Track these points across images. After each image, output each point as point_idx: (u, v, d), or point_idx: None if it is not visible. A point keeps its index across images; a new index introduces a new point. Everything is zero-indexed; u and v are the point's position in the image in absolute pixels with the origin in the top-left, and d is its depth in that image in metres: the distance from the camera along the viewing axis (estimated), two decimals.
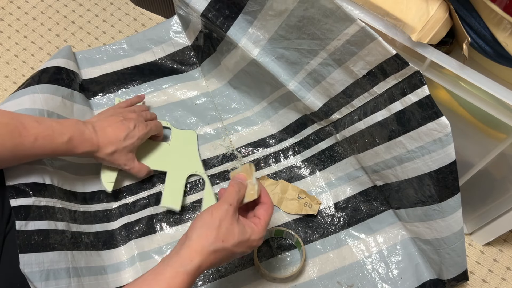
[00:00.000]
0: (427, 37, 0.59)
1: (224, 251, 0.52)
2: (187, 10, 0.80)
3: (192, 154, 0.83)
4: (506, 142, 0.62)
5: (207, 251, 0.51)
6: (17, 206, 0.59)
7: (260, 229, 0.56)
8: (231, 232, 0.52)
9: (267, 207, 0.58)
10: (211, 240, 0.51)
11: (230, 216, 0.53)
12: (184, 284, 0.49)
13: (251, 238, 0.54)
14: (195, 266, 0.50)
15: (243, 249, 0.54)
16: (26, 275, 0.56)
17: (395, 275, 0.75)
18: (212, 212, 0.53)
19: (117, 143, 0.69)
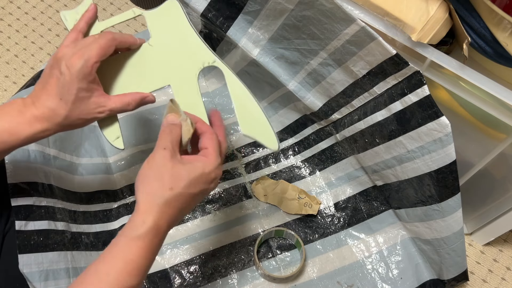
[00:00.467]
0: (427, 37, 0.59)
1: (179, 198, 0.46)
2: (187, 10, 0.80)
3: (189, 38, 0.57)
4: (506, 142, 0.62)
5: (158, 206, 0.45)
6: (18, 205, 0.59)
7: (211, 158, 0.49)
8: (177, 175, 0.46)
9: (208, 135, 0.51)
10: (157, 193, 0.45)
11: (169, 159, 0.46)
12: (141, 250, 0.44)
13: (205, 171, 0.48)
14: (150, 227, 0.44)
15: (202, 186, 0.48)
16: (25, 276, 0.56)
17: (395, 275, 0.75)
18: (148, 162, 0.47)
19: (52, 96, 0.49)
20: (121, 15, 0.58)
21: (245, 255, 0.76)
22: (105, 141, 0.84)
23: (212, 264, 0.75)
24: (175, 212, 0.46)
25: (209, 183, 0.49)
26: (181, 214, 0.47)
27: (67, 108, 0.49)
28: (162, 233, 0.46)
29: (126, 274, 0.43)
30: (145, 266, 0.44)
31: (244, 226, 0.79)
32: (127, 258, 0.43)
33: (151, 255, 0.45)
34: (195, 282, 0.74)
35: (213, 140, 0.51)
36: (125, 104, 0.53)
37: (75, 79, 0.48)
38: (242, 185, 0.83)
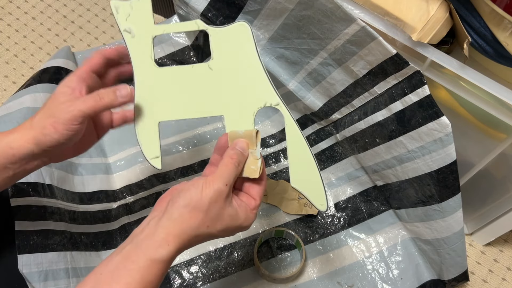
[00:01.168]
0: (427, 37, 0.58)
1: (206, 236, 0.45)
2: (187, 10, 0.80)
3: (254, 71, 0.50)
4: (507, 142, 0.62)
5: (188, 236, 0.43)
6: (17, 205, 0.59)
7: (254, 213, 0.47)
8: (220, 217, 0.44)
9: (264, 186, 0.49)
10: (195, 225, 0.43)
11: (223, 198, 0.44)
12: (159, 272, 0.42)
13: (242, 225, 0.46)
14: (172, 252, 0.42)
15: (228, 234, 0.46)
16: (25, 276, 0.56)
17: (395, 275, 0.75)
18: (203, 190, 0.43)
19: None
20: (182, 24, 0.51)
21: (245, 255, 0.76)
22: (105, 141, 0.84)
23: (212, 264, 0.75)
24: (193, 245, 0.45)
25: (236, 232, 0.47)
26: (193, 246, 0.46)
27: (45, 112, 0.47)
28: (172, 260, 0.44)
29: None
30: (157, 286, 0.43)
31: None
32: (145, 281, 0.41)
33: (163, 277, 0.44)
34: (195, 282, 0.74)
35: (261, 192, 0.48)
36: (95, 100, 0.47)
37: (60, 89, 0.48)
38: None
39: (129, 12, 0.50)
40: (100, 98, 0.47)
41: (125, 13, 0.50)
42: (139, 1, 0.50)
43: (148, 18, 0.51)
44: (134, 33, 0.50)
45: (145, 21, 0.51)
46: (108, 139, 0.84)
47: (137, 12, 0.50)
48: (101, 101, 0.47)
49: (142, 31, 0.50)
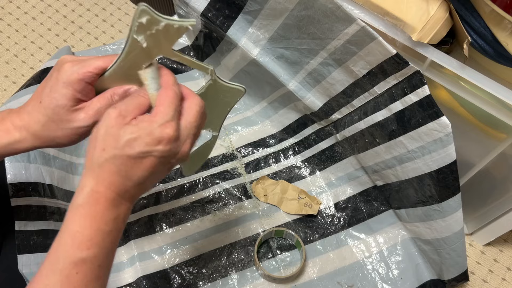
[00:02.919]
0: (427, 37, 0.58)
1: (114, 160, 0.39)
2: (187, 10, 0.80)
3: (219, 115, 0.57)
4: (507, 142, 0.62)
5: (92, 170, 0.40)
6: (17, 205, 0.59)
7: (157, 115, 0.41)
8: (113, 135, 0.40)
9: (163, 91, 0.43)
10: (92, 156, 0.40)
11: (113, 118, 0.40)
12: (83, 219, 0.39)
13: (145, 131, 0.40)
14: (87, 192, 0.39)
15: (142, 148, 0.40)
16: (25, 276, 0.56)
17: (395, 275, 0.75)
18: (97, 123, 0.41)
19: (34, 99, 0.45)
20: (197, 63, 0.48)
21: (245, 255, 0.76)
22: None
23: (212, 264, 0.75)
24: (115, 177, 0.40)
25: (153, 144, 0.40)
26: (126, 180, 0.40)
27: (45, 114, 0.43)
28: (105, 200, 0.40)
29: (75, 248, 0.38)
30: (95, 237, 0.39)
31: (244, 226, 0.79)
32: (72, 230, 0.39)
33: (100, 224, 0.39)
34: (195, 282, 0.74)
35: (165, 95, 0.42)
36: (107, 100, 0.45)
37: (61, 83, 0.42)
38: (242, 185, 0.83)
39: (155, 28, 0.43)
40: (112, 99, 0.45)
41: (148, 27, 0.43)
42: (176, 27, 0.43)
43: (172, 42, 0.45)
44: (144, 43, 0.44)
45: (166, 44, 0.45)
46: None
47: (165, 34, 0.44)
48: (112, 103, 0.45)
49: (155, 49, 0.45)
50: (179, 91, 0.44)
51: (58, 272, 0.37)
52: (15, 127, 0.44)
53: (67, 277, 0.37)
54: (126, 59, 0.44)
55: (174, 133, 0.41)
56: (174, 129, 0.41)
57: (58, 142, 0.45)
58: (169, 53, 0.46)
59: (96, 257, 0.39)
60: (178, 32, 0.44)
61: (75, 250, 0.38)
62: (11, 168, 0.60)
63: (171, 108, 0.42)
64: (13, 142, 0.44)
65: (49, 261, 0.38)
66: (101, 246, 0.40)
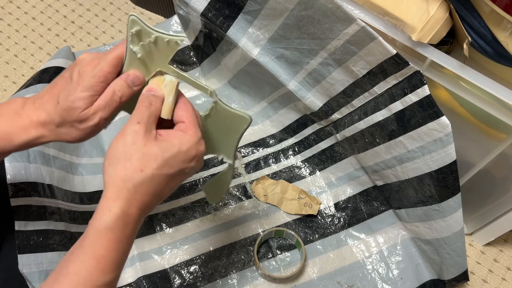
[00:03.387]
0: (427, 37, 0.58)
1: (152, 181, 0.40)
2: (187, 10, 0.80)
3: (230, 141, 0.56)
4: (507, 142, 0.62)
5: (126, 191, 0.39)
6: (17, 206, 0.59)
7: (190, 133, 0.42)
8: (149, 154, 0.40)
9: (182, 105, 0.44)
10: (125, 176, 0.39)
11: (142, 135, 0.40)
12: (111, 243, 0.38)
13: (182, 149, 0.41)
14: (117, 216, 0.39)
15: (180, 166, 0.41)
16: (25, 276, 0.56)
17: (395, 275, 0.75)
18: (117, 139, 0.41)
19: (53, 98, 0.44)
20: (196, 83, 0.47)
21: (245, 255, 0.76)
22: (105, 141, 0.84)
23: (212, 264, 0.75)
24: (148, 197, 0.40)
25: (188, 161, 0.42)
26: (157, 198, 0.42)
27: (60, 114, 0.43)
28: (133, 221, 0.40)
29: (99, 271, 0.38)
30: (119, 260, 0.40)
31: (244, 226, 0.79)
32: (97, 254, 0.38)
33: (124, 246, 0.40)
34: (195, 282, 0.74)
35: (188, 111, 0.44)
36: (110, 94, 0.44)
37: (80, 87, 0.43)
38: (242, 185, 0.83)
39: (147, 39, 0.44)
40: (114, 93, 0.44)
41: (141, 37, 0.44)
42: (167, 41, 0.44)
43: (167, 57, 0.45)
44: (140, 55, 0.45)
45: (160, 57, 0.45)
46: (108, 139, 0.84)
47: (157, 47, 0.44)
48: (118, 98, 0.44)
49: (151, 62, 0.45)
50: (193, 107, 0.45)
51: None
52: (31, 123, 0.44)
53: None
54: (127, 70, 0.45)
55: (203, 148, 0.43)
56: (204, 146, 0.43)
57: (72, 139, 0.45)
58: (166, 68, 0.46)
59: (117, 278, 0.40)
60: (169, 46, 0.44)
61: (98, 274, 0.38)
62: (11, 168, 0.60)
63: (197, 125, 0.44)
64: (32, 139, 0.44)
65: (68, 281, 0.38)
66: (121, 267, 0.40)
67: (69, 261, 0.39)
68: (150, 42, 0.44)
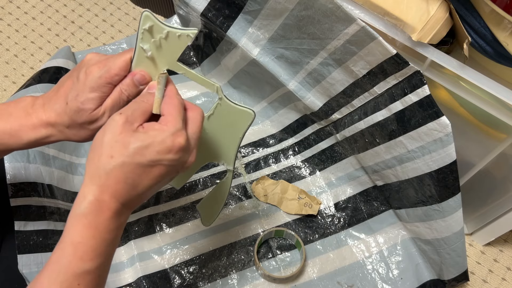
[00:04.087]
0: (427, 37, 0.58)
1: (122, 168, 0.39)
2: (187, 10, 0.80)
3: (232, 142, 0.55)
4: (507, 142, 0.62)
5: (98, 177, 0.39)
6: (17, 206, 0.59)
7: (168, 124, 0.41)
8: (122, 142, 0.39)
9: (167, 99, 0.44)
10: (98, 162, 0.39)
11: (120, 125, 0.40)
12: (87, 229, 0.38)
13: (157, 139, 0.40)
14: (90, 202, 0.38)
15: (153, 156, 0.40)
16: (25, 276, 0.56)
17: (395, 275, 0.75)
18: (100, 130, 0.41)
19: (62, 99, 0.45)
20: (203, 79, 0.49)
21: (245, 255, 0.76)
22: None
23: (212, 264, 0.75)
24: (120, 186, 0.39)
25: (164, 153, 0.40)
26: (132, 189, 0.40)
27: (70, 116, 0.44)
28: (109, 209, 0.39)
29: (78, 259, 0.38)
30: (99, 248, 0.39)
31: (244, 226, 0.79)
32: (74, 241, 0.38)
33: (103, 234, 0.39)
34: (195, 282, 0.74)
35: (171, 104, 0.43)
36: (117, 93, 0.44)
37: (88, 87, 0.43)
38: (242, 185, 0.83)
39: (159, 36, 0.44)
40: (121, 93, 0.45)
41: (152, 34, 0.44)
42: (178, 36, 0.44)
43: (176, 53, 0.45)
44: (149, 53, 0.45)
45: (170, 54, 0.45)
46: None
47: (168, 43, 0.45)
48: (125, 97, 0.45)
49: (161, 60, 0.46)
50: (182, 101, 0.45)
51: (59, 284, 0.37)
52: (41, 123, 0.45)
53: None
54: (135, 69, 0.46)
55: (185, 142, 0.42)
56: (185, 138, 0.42)
57: (81, 139, 0.46)
58: (175, 66, 0.46)
59: (98, 268, 0.39)
60: (180, 42, 0.44)
61: (77, 261, 0.38)
62: (11, 168, 0.60)
63: (180, 117, 0.42)
64: (40, 138, 0.45)
65: (49, 271, 0.38)
66: (104, 256, 0.40)
67: (53, 252, 0.39)
68: (161, 38, 0.44)
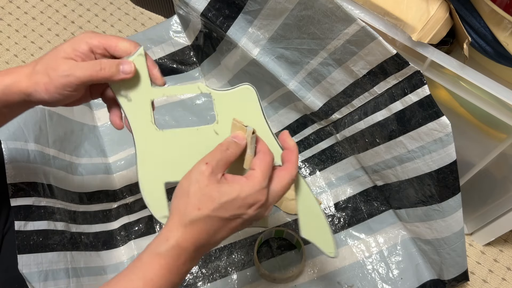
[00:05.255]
0: (427, 37, 0.58)
1: (206, 220, 0.41)
2: (187, 10, 0.80)
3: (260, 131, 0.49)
4: (507, 142, 0.62)
5: (183, 225, 0.41)
6: (17, 206, 0.59)
7: (254, 181, 0.42)
8: (208, 195, 0.41)
9: (260, 155, 0.45)
10: (184, 211, 0.41)
11: (206, 176, 0.42)
12: (161, 269, 0.41)
13: (240, 195, 0.42)
14: (172, 245, 0.41)
15: (235, 211, 0.42)
16: (25, 276, 0.56)
17: (395, 275, 0.75)
18: (186, 177, 0.43)
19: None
20: (183, 87, 0.48)
21: (245, 255, 0.76)
22: (105, 141, 0.84)
23: (212, 264, 0.75)
24: (202, 235, 0.42)
25: (245, 208, 0.42)
26: (211, 238, 0.43)
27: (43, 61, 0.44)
28: (186, 255, 0.42)
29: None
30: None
31: None
32: (146, 277, 0.40)
33: (173, 277, 0.41)
34: (195, 282, 0.74)
35: (264, 160, 0.44)
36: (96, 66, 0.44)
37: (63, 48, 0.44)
38: None
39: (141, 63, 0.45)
40: (101, 68, 0.44)
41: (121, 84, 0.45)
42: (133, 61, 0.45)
43: (144, 79, 0.46)
44: (130, 97, 0.46)
45: (141, 83, 0.46)
46: (108, 139, 0.84)
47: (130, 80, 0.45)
48: (101, 72, 0.44)
49: (139, 95, 0.46)
50: (273, 158, 0.46)
51: None
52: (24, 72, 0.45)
53: None
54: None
55: (266, 201, 0.43)
56: (266, 196, 0.43)
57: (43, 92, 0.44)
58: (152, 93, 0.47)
59: None
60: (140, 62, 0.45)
61: None
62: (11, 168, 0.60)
63: (268, 175, 0.44)
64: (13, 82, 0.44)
65: None
66: None
67: (117, 279, 0.41)
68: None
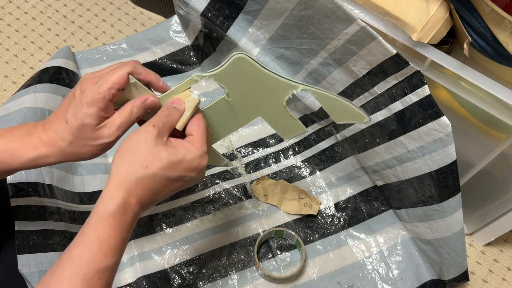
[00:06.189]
0: (427, 37, 0.58)
1: (153, 179, 0.43)
2: (187, 10, 0.80)
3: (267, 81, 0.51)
4: (507, 142, 0.62)
5: (129, 182, 0.42)
6: (17, 206, 0.59)
7: (196, 146, 0.46)
8: (156, 154, 0.44)
9: (195, 121, 0.49)
10: (131, 169, 0.43)
11: (153, 137, 0.44)
12: (113, 228, 0.41)
13: (186, 158, 0.45)
14: (118, 203, 0.42)
15: (181, 172, 0.45)
16: (24, 276, 0.56)
17: (395, 275, 0.75)
18: (131, 136, 0.45)
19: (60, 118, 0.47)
20: (181, 85, 0.51)
21: (245, 255, 0.76)
22: None
23: (212, 264, 0.75)
24: (147, 193, 0.44)
25: (190, 171, 0.46)
26: (154, 196, 0.45)
27: (71, 133, 0.46)
28: (132, 211, 0.43)
29: (102, 255, 0.40)
30: (119, 245, 0.42)
31: (244, 226, 0.79)
32: (100, 238, 0.41)
33: (124, 233, 0.43)
34: (195, 282, 0.74)
35: (200, 126, 0.48)
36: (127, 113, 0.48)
37: (84, 104, 0.45)
38: (242, 185, 0.83)
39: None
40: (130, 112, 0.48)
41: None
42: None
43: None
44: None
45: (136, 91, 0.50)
46: None
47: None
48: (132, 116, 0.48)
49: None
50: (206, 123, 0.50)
51: (81, 276, 0.39)
52: (42, 142, 0.47)
53: (89, 282, 0.39)
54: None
55: (207, 164, 0.47)
56: (207, 161, 0.47)
57: (83, 157, 0.48)
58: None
59: (116, 264, 0.42)
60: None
61: (101, 257, 0.40)
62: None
63: (205, 140, 0.48)
64: (40, 157, 0.47)
65: (71, 264, 0.40)
66: (121, 253, 0.43)
67: (71, 247, 0.41)
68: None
